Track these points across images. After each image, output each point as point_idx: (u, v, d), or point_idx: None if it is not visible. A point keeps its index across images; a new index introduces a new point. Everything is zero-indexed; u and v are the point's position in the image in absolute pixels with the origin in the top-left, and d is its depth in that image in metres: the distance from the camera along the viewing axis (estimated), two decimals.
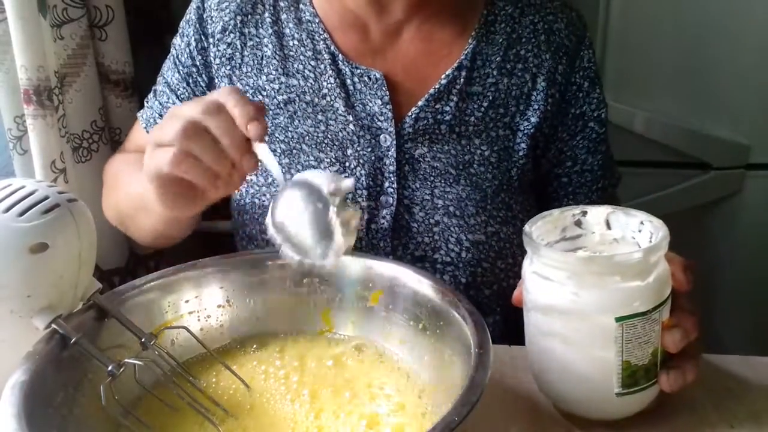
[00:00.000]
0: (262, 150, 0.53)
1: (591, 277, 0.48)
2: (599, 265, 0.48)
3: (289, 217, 0.52)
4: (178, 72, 0.80)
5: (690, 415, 0.54)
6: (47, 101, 0.94)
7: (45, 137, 0.95)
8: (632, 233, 0.54)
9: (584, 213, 0.56)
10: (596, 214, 0.55)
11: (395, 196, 0.73)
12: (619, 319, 0.47)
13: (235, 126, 0.53)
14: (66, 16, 0.99)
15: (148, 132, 0.82)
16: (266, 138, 0.54)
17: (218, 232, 1.15)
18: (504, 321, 0.77)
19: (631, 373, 0.49)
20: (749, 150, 1.30)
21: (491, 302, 0.76)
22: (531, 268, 0.52)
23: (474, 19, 0.75)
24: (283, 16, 0.76)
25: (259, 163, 0.55)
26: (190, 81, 0.79)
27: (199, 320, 0.59)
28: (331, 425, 0.50)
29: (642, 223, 0.53)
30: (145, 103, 0.85)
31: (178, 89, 0.80)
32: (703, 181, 1.32)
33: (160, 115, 0.81)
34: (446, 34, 0.74)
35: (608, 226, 0.55)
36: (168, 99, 0.81)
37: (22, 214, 0.48)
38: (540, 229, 0.54)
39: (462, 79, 0.73)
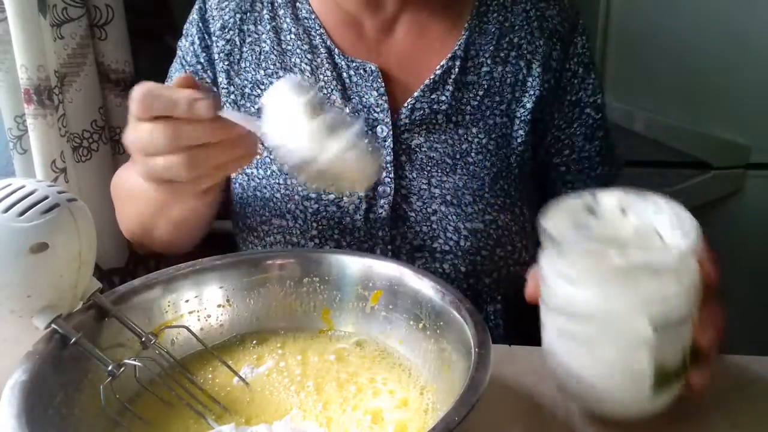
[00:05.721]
0: (227, 114, 0.53)
1: (624, 280, 0.44)
2: (632, 269, 0.44)
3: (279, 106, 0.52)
4: (184, 71, 0.81)
5: (691, 415, 0.54)
6: (47, 101, 0.94)
7: (45, 137, 0.95)
8: (650, 219, 0.50)
9: (595, 198, 0.51)
10: (609, 200, 0.51)
11: (392, 186, 0.74)
12: (652, 322, 0.44)
13: (191, 121, 0.52)
14: (66, 16, 0.98)
15: None
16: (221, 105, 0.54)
17: (218, 232, 1.15)
18: (505, 309, 0.77)
19: (665, 375, 0.46)
20: (749, 150, 1.30)
21: (492, 290, 0.77)
22: (553, 267, 0.47)
23: (466, 12, 0.77)
24: (281, 12, 0.78)
25: (257, 156, 0.51)
26: (197, 79, 0.79)
27: (199, 320, 0.59)
28: (338, 418, 0.51)
29: (658, 205, 0.49)
30: None
31: None
32: (703, 181, 1.32)
33: None
34: (439, 27, 0.76)
35: (623, 212, 0.51)
36: None
37: (22, 213, 0.48)
38: (553, 220, 0.49)
39: (456, 69, 0.74)
